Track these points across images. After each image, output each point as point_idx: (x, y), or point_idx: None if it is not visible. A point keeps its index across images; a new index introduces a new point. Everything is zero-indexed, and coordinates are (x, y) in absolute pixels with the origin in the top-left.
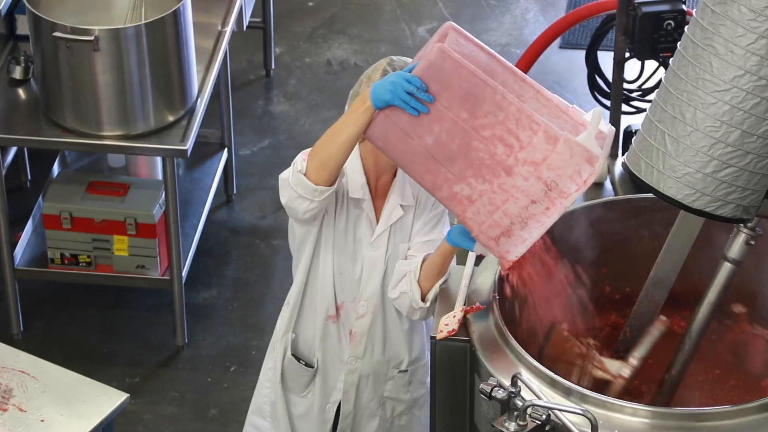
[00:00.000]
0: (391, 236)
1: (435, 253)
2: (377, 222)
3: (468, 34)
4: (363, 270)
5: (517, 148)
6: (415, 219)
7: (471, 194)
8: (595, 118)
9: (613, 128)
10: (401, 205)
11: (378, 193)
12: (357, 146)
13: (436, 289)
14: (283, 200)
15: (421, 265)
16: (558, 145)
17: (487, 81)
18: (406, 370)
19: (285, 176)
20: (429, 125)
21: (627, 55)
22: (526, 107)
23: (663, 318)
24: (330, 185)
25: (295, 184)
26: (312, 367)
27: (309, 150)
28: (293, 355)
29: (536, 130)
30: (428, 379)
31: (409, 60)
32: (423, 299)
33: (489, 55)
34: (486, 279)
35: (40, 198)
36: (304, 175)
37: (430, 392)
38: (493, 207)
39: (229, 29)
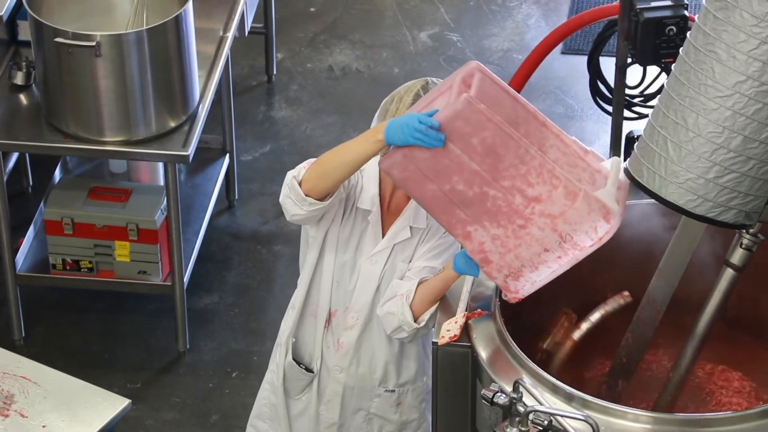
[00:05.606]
0: (392, 254)
1: (437, 278)
2: (382, 237)
3: (492, 74)
4: (357, 281)
5: (536, 201)
6: (422, 243)
7: (484, 236)
8: (614, 169)
9: (628, 180)
10: (411, 227)
11: (390, 209)
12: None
13: (432, 310)
14: (280, 197)
15: (416, 289)
16: (577, 202)
17: (511, 135)
18: (393, 390)
19: (288, 175)
20: (449, 172)
21: (629, 60)
22: (548, 160)
23: (626, 293)
24: (320, 199)
25: (290, 188)
26: (312, 372)
27: (315, 159)
28: (294, 359)
29: (557, 185)
30: (424, 405)
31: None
32: (416, 321)
33: (512, 98)
34: (488, 284)
35: (42, 203)
36: (299, 182)
37: (432, 398)
38: (506, 249)
39: (230, 35)
